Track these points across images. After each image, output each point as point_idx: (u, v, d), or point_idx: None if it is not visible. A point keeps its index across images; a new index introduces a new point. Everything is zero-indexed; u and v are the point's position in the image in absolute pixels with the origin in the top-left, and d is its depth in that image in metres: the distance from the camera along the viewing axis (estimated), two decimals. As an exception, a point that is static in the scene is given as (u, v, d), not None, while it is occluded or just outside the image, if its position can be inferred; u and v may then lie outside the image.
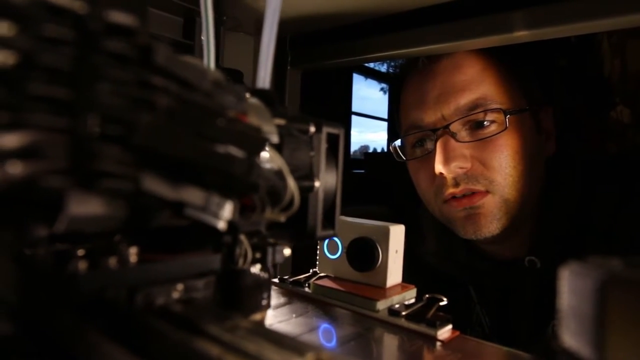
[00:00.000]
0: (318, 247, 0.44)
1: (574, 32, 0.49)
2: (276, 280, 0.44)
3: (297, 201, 0.20)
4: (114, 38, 0.14)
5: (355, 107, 1.85)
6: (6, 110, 0.13)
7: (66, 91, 0.13)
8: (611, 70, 0.72)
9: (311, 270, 0.45)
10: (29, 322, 0.16)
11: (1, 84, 0.13)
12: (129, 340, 0.16)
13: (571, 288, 0.15)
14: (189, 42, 0.52)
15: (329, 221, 0.25)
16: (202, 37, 0.54)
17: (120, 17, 0.14)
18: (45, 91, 0.13)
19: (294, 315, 0.36)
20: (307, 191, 0.22)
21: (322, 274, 0.44)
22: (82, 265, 0.17)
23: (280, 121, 0.21)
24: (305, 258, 0.50)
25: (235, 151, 0.16)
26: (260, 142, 0.17)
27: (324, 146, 0.23)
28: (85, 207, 0.15)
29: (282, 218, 0.21)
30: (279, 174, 0.19)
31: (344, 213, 0.45)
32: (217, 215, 0.17)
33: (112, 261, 0.18)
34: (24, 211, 0.14)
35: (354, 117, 1.85)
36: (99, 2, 0.14)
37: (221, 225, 0.17)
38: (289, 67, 0.66)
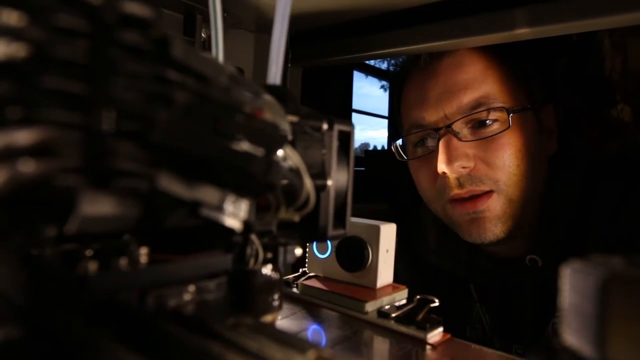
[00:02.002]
0: (308, 245, 0.43)
1: (576, 30, 0.49)
2: None
3: (312, 200, 0.20)
4: (130, 30, 0.13)
5: (356, 105, 1.84)
6: (18, 106, 0.12)
7: (80, 85, 0.13)
8: (612, 69, 0.72)
9: (300, 270, 0.44)
10: (38, 325, 0.16)
11: (13, 77, 0.12)
12: (140, 344, 0.16)
13: (573, 286, 0.15)
14: (190, 39, 0.52)
15: (339, 220, 0.24)
16: (203, 34, 0.53)
17: (135, 8, 0.14)
18: (58, 85, 0.13)
19: (279, 317, 0.35)
20: (320, 190, 0.21)
21: (311, 274, 0.43)
22: (93, 267, 0.16)
23: (293, 118, 0.20)
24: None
25: (252, 149, 0.16)
26: (279, 139, 0.16)
27: (335, 144, 0.23)
28: (97, 207, 0.14)
29: (297, 217, 0.20)
30: (295, 172, 0.19)
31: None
32: (233, 215, 0.16)
33: (123, 262, 0.17)
34: (35, 211, 0.14)
35: (354, 115, 1.84)
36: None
37: (237, 225, 0.16)
38: (289, 65, 0.66)
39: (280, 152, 0.19)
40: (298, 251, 0.22)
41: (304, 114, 0.21)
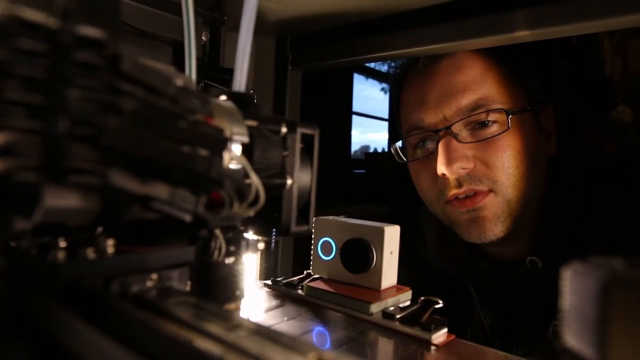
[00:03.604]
0: (312, 247, 0.44)
1: (575, 32, 0.49)
2: (269, 282, 0.44)
3: (262, 197, 0.21)
4: (84, 50, 0.16)
5: (356, 107, 1.85)
6: (-15, 114, 0.14)
7: (39, 97, 0.15)
8: (612, 70, 0.71)
9: (305, 272, 0.44)
10: (12, 306, 0.18)
11: (-20, 90, 0.14)
12: (102, 322, 0.18)
13: (573, 288, 0.15)
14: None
15: (303, 217, 0.26)
16: (203, 37, 0.55)
17: (89, 31, 0.16)
18: (20, 97, 0.15)
19: (285, 318, 0.36)
20: (278, 188, 0.23)
21: (315, 276, 0.43)
22: (61, 255, 0.19)
23: (252, 122, 0.22)
24: (302, 259, 0.50)
25: (200, 151, 0.18)
26: (221, 142, 0.18)
27: (298, 146, 0.25)
28: (60, 200, 0.16)
29: (251, 213, 0.22)
30: (244, 171, 0.21)
31: (343, 213, 0.46)
32: (182, 209, 0.18)
33: (90, 252, 0.19)
34: (4, 205, 0.16)
35: (355, 117, 1.85)
36: (71, 17, 0.16)
37: (187, 218, 0.18)
38: (289, 68, 0.67)
39: (236, 153, 0.21)
40: (260, 245, 0.24)
41: (263, 118, 0.23)
